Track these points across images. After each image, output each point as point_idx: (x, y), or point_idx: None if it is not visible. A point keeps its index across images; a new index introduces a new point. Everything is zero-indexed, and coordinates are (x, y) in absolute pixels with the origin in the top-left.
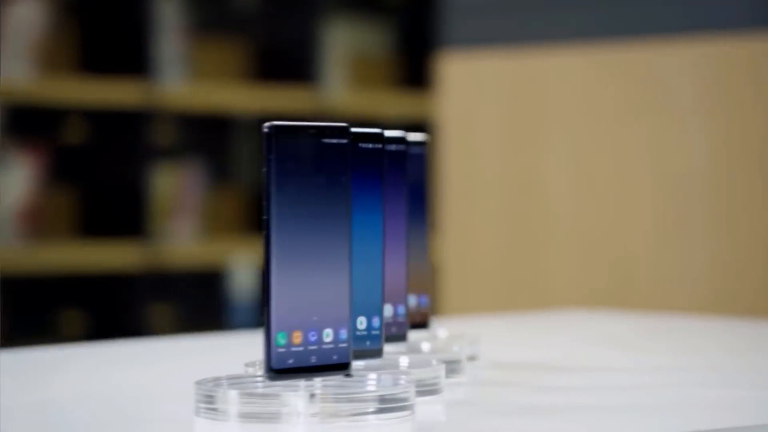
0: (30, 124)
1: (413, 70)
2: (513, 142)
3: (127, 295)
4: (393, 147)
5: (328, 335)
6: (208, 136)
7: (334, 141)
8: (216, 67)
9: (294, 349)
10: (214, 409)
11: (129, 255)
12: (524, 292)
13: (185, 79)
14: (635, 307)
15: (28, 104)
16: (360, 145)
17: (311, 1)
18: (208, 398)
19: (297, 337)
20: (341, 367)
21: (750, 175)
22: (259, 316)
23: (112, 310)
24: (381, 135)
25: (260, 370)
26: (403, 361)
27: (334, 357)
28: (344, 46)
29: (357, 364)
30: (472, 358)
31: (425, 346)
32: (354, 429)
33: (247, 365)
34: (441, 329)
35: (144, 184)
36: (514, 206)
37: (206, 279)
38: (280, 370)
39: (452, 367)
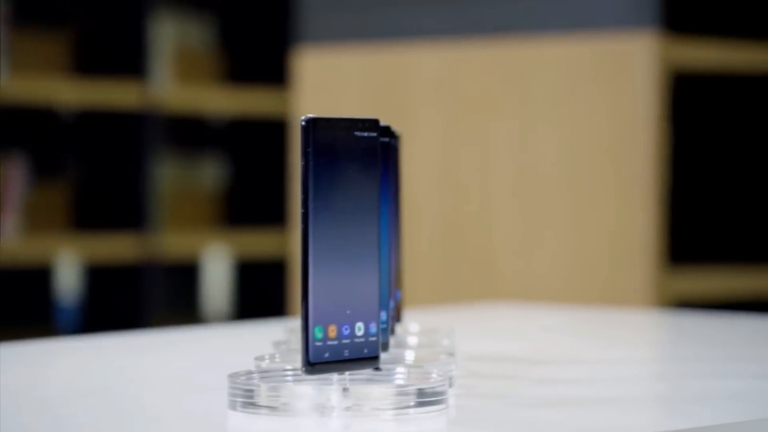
0: None
1: (240, 64)
2: None
3: None
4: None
5: (359, 329)
6: (30, 131)
7: (366, 134)
8: (39, 59)
9: (329, 342)
10: (253, 404)
11: None
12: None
13: (6, 71)
14: (498, 300)
15: None
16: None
17: None
18: (247, 392)
19: (332, 331)
20: (371, 361)
21: (608, 171)
22: (87, 317)
23: None
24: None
25: (278, 364)
26: (409, 355)
27: (365, 350)
28: (171, 40)
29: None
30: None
31: (411, 341)
32: (390, 423)
33: (257, 359)
34: (412, 323)
35: None
36: None
37: (29, 277)
38: (316, 363)
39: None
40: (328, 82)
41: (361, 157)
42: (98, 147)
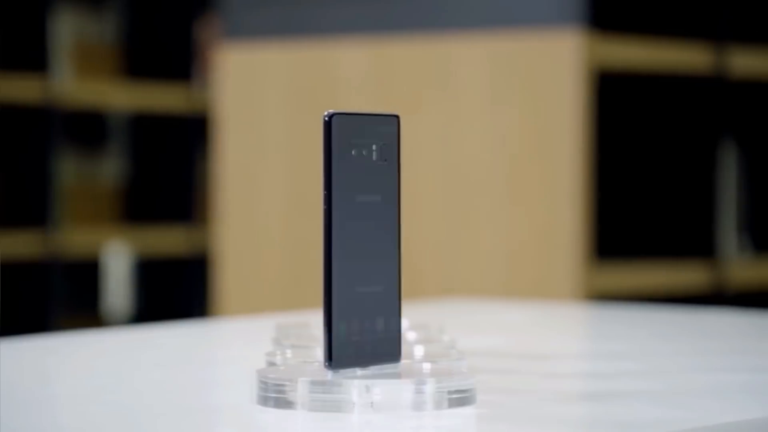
0: None
1: (143, 60)
2: (298, 134)
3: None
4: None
5: (380, 325)
6: None
7: (387, 130)
8: None
9: (353, 338)
10: (286, 400)
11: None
12: (308, 288)
13: None
14: (423, 297)
15: None
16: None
17: None
18: (278, 387)
19: (354, 326)
20: (392, 357)
21: (534, 166)
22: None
23: None
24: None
25: (296, 359)
26: (418, 351)
27: (386, 346)
28: (71, 34)
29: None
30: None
31: (411, 336)
32: (421, 419)
33: (268, 354)
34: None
35: None
36: (298, 201)
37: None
38: (340, 360)
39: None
40: (250, 78)
41: (382, 152)
42: None
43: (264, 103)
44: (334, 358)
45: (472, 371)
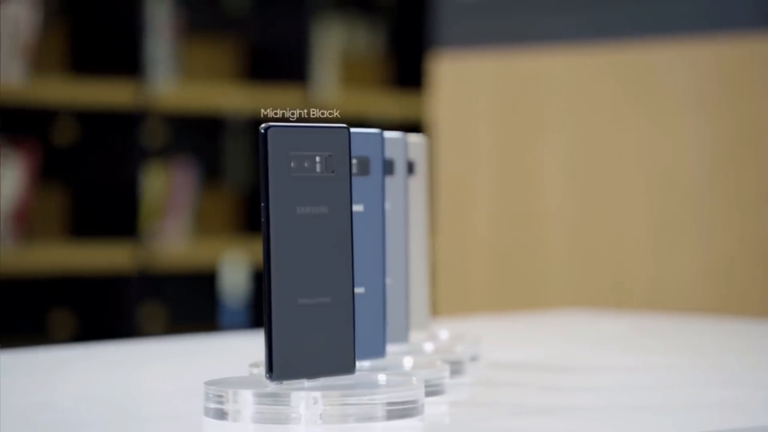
0: (20, 124)
1: (404, 69)
2: (506, 142)
3: (118, 296)
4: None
5: (331, 336)
6: (199, 136)
7: (334, 141)
8: (207, 66)
9: (297, 350)
10: (223, 410)
11: (120, 256)
12: (518, 292)
13: (176, 79)
14: (630, 307)
15: (19, 105)
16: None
17: (302, 0)
18: (218, 398)
19: (298, 339)
20: (346, 368)
21: (744, 175)
22: (252, 317)
23: (102, 311)
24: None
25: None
26: (407, 362)
27: (339, 358)
28: (335, 46)
29: (362, 365)
30: (474, 359)
31: (427, 347)
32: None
33: (251, 366)
34: (442, 330)
35: (135, 184)
36: (508, 205)
37: (197, 280)
38: (282, 371)
39: (455, 368)
40: (463, 86)
41: (328, 164)
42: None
43: (474, 111)
44: (275, 369)
45: (474, 383)
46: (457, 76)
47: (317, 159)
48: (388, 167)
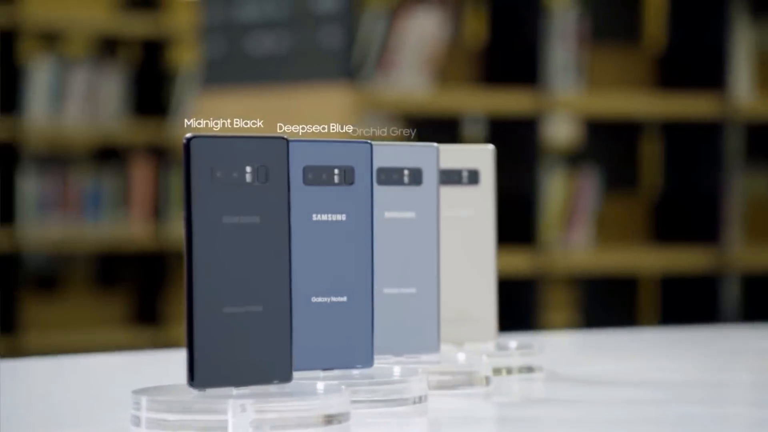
0: (429, 134)
1: None
2: None
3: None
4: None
5: (263, 344)
6: (607, 143)
7: (267, 152)
8: (613, 73)
9: (222, 358)
10: (138, 417)
11: (519, 260)
12: None
13: (580, 85)
14: None
15: (425, 115)
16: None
17: (715, 4)
18: (135, 405)
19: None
20: (282, 376)
21: None
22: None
23: None
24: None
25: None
26: (396, 370)
27: (274, 366)
28: (749, 48)
29: (350, 373)
30: (528, 370)
31: (460, 357)
32: None
33: None
34: (511, 341)
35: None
36: None
37: (613, 286)
38: (204, 379)
39: (468, 378)
40: None
41: (259, 174)
42: (677, 159)
43: None
44: (196, 377)
45: (475, 395)
46: None
47: (248, 169)
48: (415, 176)
